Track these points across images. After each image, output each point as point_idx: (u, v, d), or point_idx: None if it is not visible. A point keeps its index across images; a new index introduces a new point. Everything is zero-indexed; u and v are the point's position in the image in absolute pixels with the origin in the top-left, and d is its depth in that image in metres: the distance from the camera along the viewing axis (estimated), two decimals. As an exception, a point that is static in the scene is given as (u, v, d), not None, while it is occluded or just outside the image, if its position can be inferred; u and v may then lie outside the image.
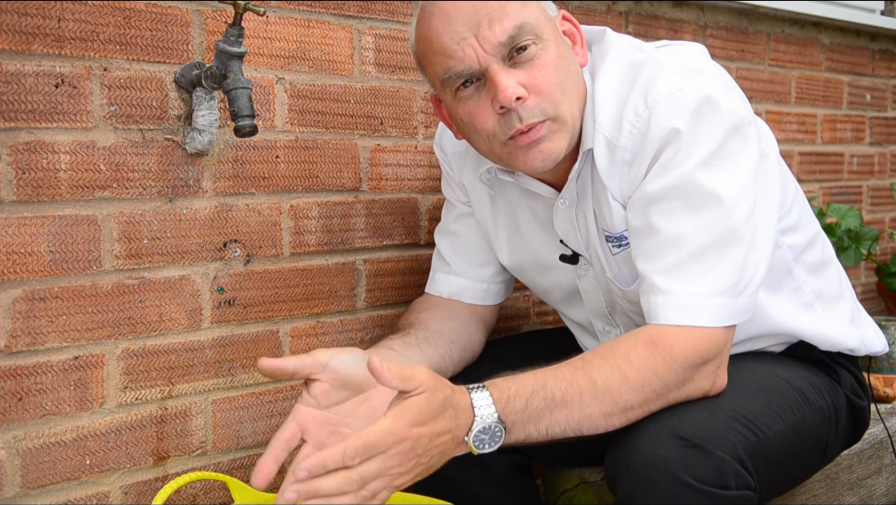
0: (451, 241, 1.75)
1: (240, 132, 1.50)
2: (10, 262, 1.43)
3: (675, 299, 1.35)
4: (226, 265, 1.67)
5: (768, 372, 1.51)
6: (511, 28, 1.37)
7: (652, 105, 1.38)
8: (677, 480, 1.25)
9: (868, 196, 3.20)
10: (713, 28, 2.63)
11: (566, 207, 1.53)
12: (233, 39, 1.50)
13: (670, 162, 1.37)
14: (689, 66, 1.43)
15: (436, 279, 1.75)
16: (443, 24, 1.38)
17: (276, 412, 1.75)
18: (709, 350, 1.34)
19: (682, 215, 1.36)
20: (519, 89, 1.37)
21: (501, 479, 1.69)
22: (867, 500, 2.05)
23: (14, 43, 1.42)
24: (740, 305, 1.38)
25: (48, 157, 1.46)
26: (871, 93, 3.19)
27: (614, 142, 1.42)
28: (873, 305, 3.17)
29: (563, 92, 1.41)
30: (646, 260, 1.40)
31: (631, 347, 1.33)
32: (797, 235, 1.60)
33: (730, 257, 1.36)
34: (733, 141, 1.38)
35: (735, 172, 1.37)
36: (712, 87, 1.39)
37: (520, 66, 1.39)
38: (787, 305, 1.59)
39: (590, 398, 1.29)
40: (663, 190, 1.37)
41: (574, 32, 1.49)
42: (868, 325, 1.73)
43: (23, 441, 1.45)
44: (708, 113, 1.36)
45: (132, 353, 1.57)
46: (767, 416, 1.41)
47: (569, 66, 1.43)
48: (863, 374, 1.72)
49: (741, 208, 1.37)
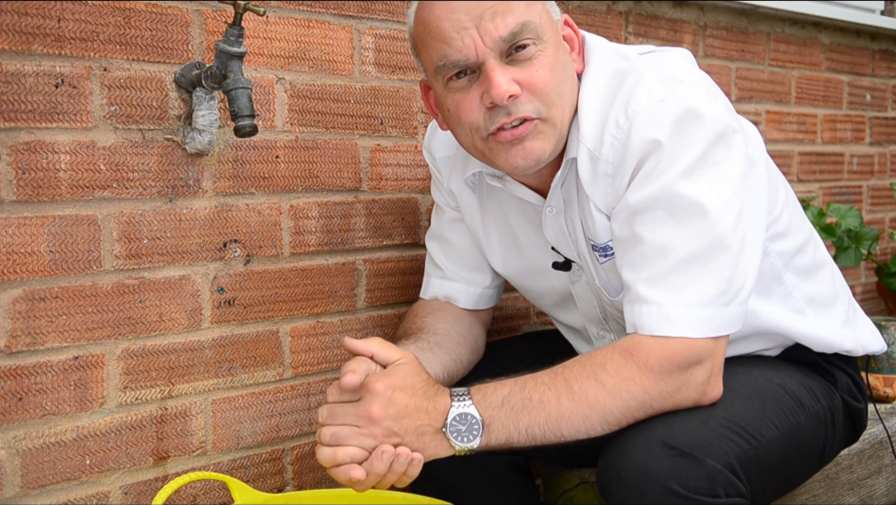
0: (442, 247, 1.74)
1: (240, 132, 1.50)
2: (10, 262, 1.43)
3: (659, 310, 1.34)
4: (226, 265, 1.67)
5: (762, 378, 1.51)
6: (514, 24, 1.36)
7: (632, 116, 1.37)
8: (667, 489, 1.25)
9: (868, 196, 3.20)
10: (713, 28, 2.62)
11: (554, 215, 1.53)
12: (233, 39, 1.50)
13: (651, 173, 1.35)
14: (671, 76, 1.42)
15: (431, 284, 1.75)
16: (445, 9, 1.37)
17: (276, 412, 1.75)
18: (687, 357, 1.33)
19: (666, 225, 1.35)
20: (513, 87, 1.36)
21: (500, 479, 1.69)
22: (867, 500, 2.05)
23: (14, 43, 1.42)
24: (729, 315, 1.36)
25: (48, 157, 1.46)
26: (871, 93, 3.19)
27: (596, 154, 1.41)
28: (873, 305, 3.17)
29: (558, 95, 1.40)
30: (630, 269, 1.38)
31: (608, 355, 1.34)
32: (787, 241, 1.58)
33: (717, 267, 1.35)
34: (717, 150, 1.36)
35: (720, 181, 1.36)
36: (694, 97, 1.37)
37: (517, 63, 1.38)
38: (778, 309, 1.58)
39: (567, 401, 1.31)
40: (647, 201, 1.36)
41: (573, 38, 1.48)
42: (864, 325, 1.72)
43: (23, 441, 1.45)
44: (690, 123, 1.35)
45: (132, 353, 1.57)
46: (761, 422, 1.40)
47: (565, 70, 1.43)
48: (861, 375, 1.71)
49: (727, 217, 1.35)
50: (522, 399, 1.31)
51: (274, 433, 1.75)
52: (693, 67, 1.48)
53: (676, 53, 1.51)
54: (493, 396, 1.31)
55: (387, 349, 1.37)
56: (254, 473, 1.73)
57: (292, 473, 1.79)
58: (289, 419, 1.77)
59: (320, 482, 1.83)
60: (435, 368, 1.52)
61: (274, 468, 1.76)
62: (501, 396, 1.31)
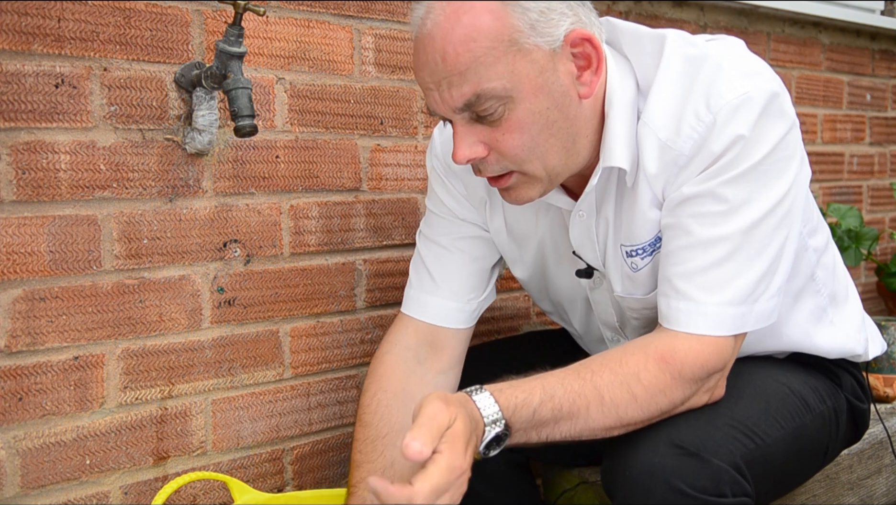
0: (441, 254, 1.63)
1: (240, 132, 1.50)
2: (10, 262, 1.43)
3: (697, 308, 1.32)
4: (226, 265, 1.67)
5: (768, 377, 1.50)
6: (469, 95, 1.30)
7: (716, 110, 1.32)
8: (673, 488, 1.24)
9: (868, 196, 3.20)
10: (713, 28, 2.62)
11: (584, 220, 1.48)
12: (233, 39, 1.50)
13: (725, 166, 1.32)
14: (747, 67, 1.37)
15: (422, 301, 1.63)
16: (418, 62, 1.34)
17: (276, 412, 1.75)
18: (717, 363, 1.33)
19: (716, 221, 1.33)
20: (476, 150, 1.33)
21: (500, 477, 1.69)
22: (867, 500, 2.05)
23: (14, 43, 1.42)
24: (756, 312, 1.35)
25: (48, 157, 1.46)
26: (871, 93, 3.19)
27: (671, 145, 1.35)
28: (873, 305, 3.17)
29: (532, 151, 1.33)
30: (671, 261, 1.36)
31: (642, 363, 1.31)
32: (818, 237, 1.57)
33: (756, 266, 1.33)
34: (785, 145, 1.34)
35: (779, 179, 1.34)
36: (774, 92, 1.34)
37: (485, 123, 1.33)
38: (803, 316, 1.57)
39: (596, 413, 1.29)
40: (705, 192, 1.33)
41: (590, 55, 1.35)
42: (871, 328, 1.72)
43: (23, 441, 1.45)
44: (771, 119, 1.32)
45: (132, 353, 1.57)
46: (766, 422, 1.40)
47: (546, 118, 1.32)
48: (863, 375, 1.71)
49: (776, 215, 1.33)
50: (552, 410, 1.27)
51: (274, 433, 1.75)
52: (757, 58, 1.44)
53: (737, 42, 1.46)
54: (524, 410, 1.25)
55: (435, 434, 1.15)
56: (254, 473, 1.73)
57: (292, 473, 1.79)
58: (289, 419, 1.77)
59: (320, 482, 1.83)
60: None
61: (274, 468, 1.76)
62: (532, 409, 1.26)
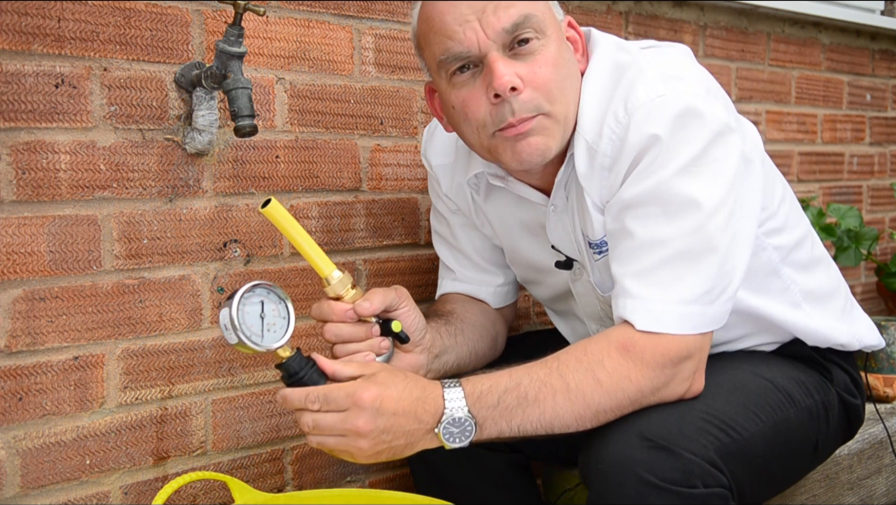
0: (451, 251, 1.76)
1: (240, 132, 1.50)
2: (10, 262, 1.43)
3: (644, 305, 1.35)
4: (226, 265, 1.67)
5: (749, 372, 1.52)
6: (516, 16, 1.36)
7: (632, 111, 1.37)
8: (643, 480, 1.26)
9: (868, 196, 3.20)
10: (713, 28, 2.63)
11: (557, 213, 1.53)
12: (233, 39, 1.50)
13: (648, 168, 1.36)
14: (671, 71, 1.42)
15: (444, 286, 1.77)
16: (448, 5, 1.38)
17: (276, 412, 1.75)
18: (679, 353, 1.35)
19: (658, 221, 1.36)
20: (515, 79, 1.36)
21: (501, 478, 1.70)
22: (867, 500, 2.06)
23: (14, 43, 1.42)
24: (712, 313, 1.37)
25: (48, 157, 1.46)
26: (871, 93, 3.19)
27: (594, 147, 1.41)
28: (873, 305, 3.17)
29: (561, 91, 1.40)
30: (619, 263, 1.39)
31: (605, 351, 1.34)
32: (784, 236, 1.59)
33: (704, 266, 1.35)
34: (714, 148, 1.36)
35: (715, 180, 1.36)
36: (694, 94, 1.37)
37: (519, 58, 1.38)
38: (775, 303, 1.59)
39: (563, 400, 1.32)
40: (641, 195, 1.36)
41: (577, 40, 1.49)
42: (861, 320, 1.73)
43: (23, 441, 1.45)
44: (689, 120, 1.35)
45: (132, 353, 1.57)
46: (744, 416, 1.41)
47: (569, 67, 1.43)
48: (859, 372, 1.72)
49: (719, 217, 1.36)
50: (518, 397, 1.31)
51: (274, 433, 1.75)
52: (693, 64, 1.49)
53: (677, 49, 1.52)
54: (489, 397, 1.31)
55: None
56: (254, 473, 1.73)
57: (292, 473, 1.79)
58: (289, 419, 1.77)
59: (320, 482, 1.83)
60: (459, 353, 1.58)
61: (274, 468, 1.76)
62: (497, 396, 1.31)
